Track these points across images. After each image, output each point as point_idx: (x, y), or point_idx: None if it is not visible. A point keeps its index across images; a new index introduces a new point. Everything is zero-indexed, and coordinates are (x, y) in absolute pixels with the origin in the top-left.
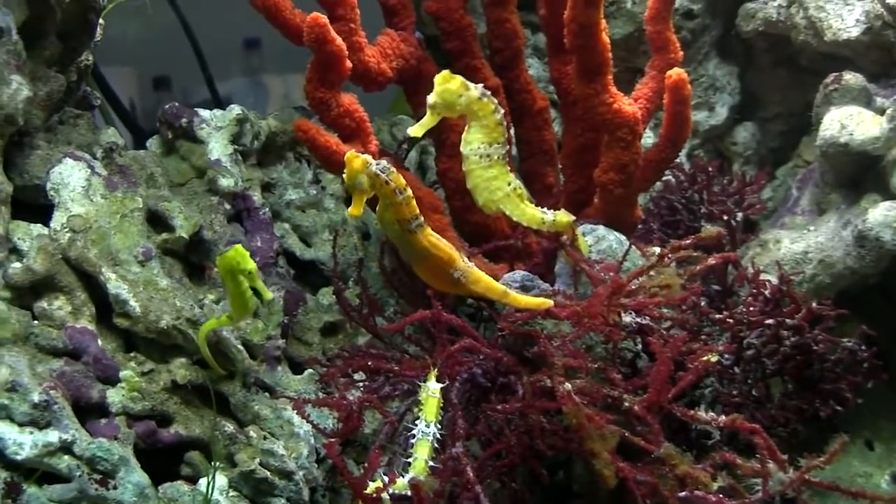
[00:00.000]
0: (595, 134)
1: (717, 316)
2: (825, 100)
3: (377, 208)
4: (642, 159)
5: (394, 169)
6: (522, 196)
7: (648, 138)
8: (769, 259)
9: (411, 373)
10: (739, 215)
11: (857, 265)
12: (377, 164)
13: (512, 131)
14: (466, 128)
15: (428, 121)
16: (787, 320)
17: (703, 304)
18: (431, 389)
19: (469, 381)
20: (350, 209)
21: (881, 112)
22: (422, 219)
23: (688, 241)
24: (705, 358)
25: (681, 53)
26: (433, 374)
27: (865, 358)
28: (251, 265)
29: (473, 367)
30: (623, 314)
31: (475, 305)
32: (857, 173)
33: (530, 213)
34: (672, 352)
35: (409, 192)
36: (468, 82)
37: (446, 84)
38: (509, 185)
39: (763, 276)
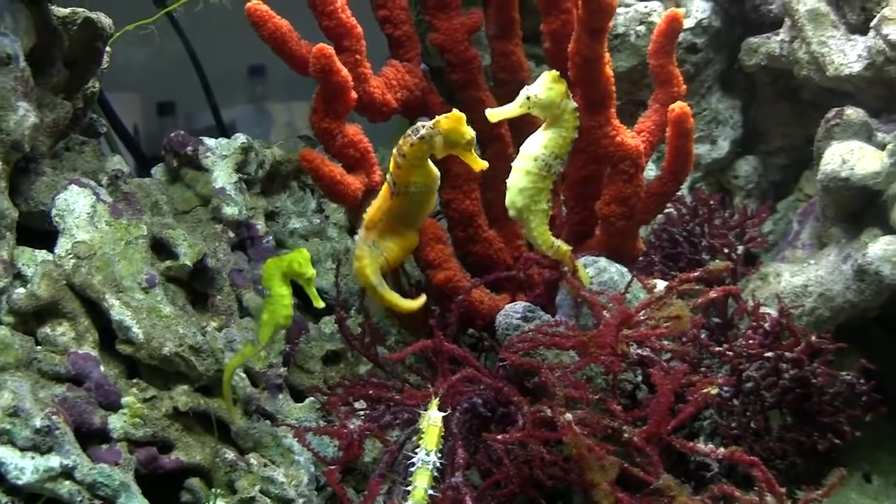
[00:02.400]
0: (598, 166)
1: (717, 348)
2: (827, 134)
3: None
4: (644, 192)
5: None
6: (547, 217)
7: (651, 171)
8: (769, 292)
9: (412, 402)
10: (740, 248)
11: (856, 299)
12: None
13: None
14: (543, 130)
15: (514, 111)
16: (787, 353)
17: (703, 336)
18: (433, 418)
19: (469, 411)
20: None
21: (882, 147)
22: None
23: (695, 274)
24: (705, 390)
25: (684, 87)
26: (435, 402)
27: (864, 391)
28: (312, 271)
29: (474, 396)
30: (627, 346)
31: (477, 336)
32: (858, 208)
33: (547, 236)
34: (673, 384)
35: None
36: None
37: (557, 85)
38: (547, 202)
39: (763, 309)
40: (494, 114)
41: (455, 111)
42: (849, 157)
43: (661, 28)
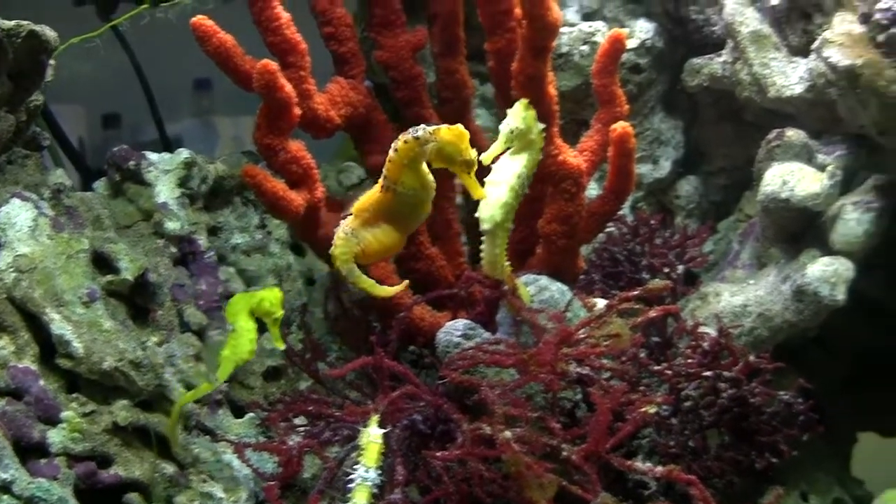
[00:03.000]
0: (540, 185)
1: (657, 367)
2: (767, 155)
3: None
4: (586, 211)
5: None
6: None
7: (593, 190)
8: (709, 312)
9: (352, 418)
10: (680, 268)
11: (795, 319)
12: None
13: (457, 181)
14: (519, 153)
15: (501, 147)
16: (725, 373)
17: (642, 355)
18: (372, 435)
19: (409, 428)
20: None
21: (822, 169)
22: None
23: (635, 293)
24: (644, 409)
25: (626, 107)
26: (374, 419)
27: (802, 411)
28: (281, 311)
29: (414, 413)
30: (567, 364)
31: (418, 353)
32: (798, 229)
33: (504, 255)
34: (612, 402)
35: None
36: None
37: (529, 112)
38: (511, 223)
39: (702, 329)
40: (488, 156)
41: (460, 127)
42: (789, 179)
43: (605, 48)
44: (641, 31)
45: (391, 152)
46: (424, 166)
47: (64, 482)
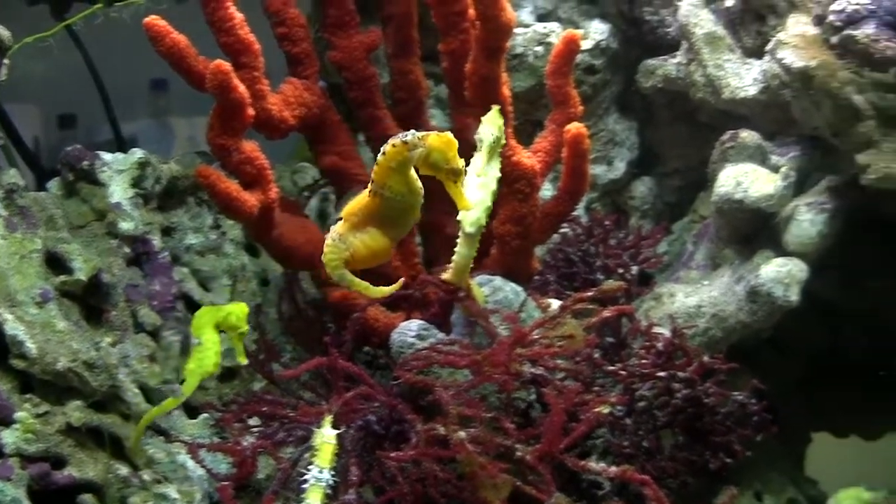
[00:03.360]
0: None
1: (611, 368)
2: (721, 156)
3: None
4: (540, 212)
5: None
6: None
7: (547, 191)
8: (663, 312)
9: (306, 419)
10: (635, 269)
11: (749, 320)
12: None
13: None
14: (490, 162)
15: (486, 156)
16: (679, 373)
17: (597, 355)
18: (326, 436)
19: (364, 429)
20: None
21: (776, 170)
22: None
23: (589, 294)
24: (598, 409)
25: (580, 108)
26: (328, 419)
27: (756, 411)
28: (247, 327)
29: (368, 414)
30: (521, 364)
31: (372, 353)
32: (752, 230)
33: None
34: (565, 403)
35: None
36: None
37: (500, 120)
38: None
39: (656, 329)
40: (481, 170)
41: (449, 134)
42: (743, 180)
43: (559, 49)
44: (596, 32)
45: (380, 156)
46: (413, 172)
47: (18, 483)
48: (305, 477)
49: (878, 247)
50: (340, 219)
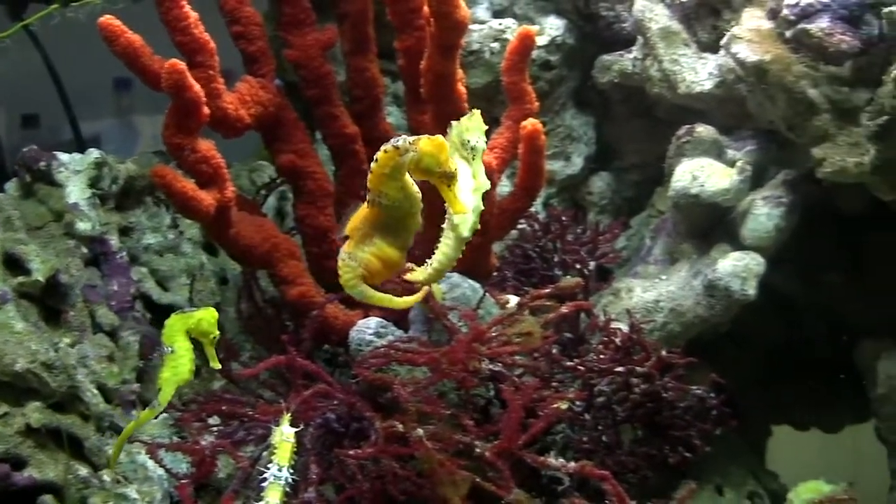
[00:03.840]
0: None
1: (569, 363)
2: (678, 151)
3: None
4: (497, 208)
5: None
6: None
7: (505, 187)
8: (621, 307)
9: (265, 418)
10: (592, 264)
11: (706, 314)
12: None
13: None
14: (475, 166)
15: (480, 163)
16: (638, 368)
17: (555, 351)
18: (285, 434)
19: (323, 426)
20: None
21: (732, 164)
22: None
23: (547, 291)
24: (556, 405)
25: (536, 104)
26: (287, 417)
27: (715, 405)
28: (217, 332)
29: (327, 412)
30: (480, 361)
31: (332, 351)
32: (708, 224)
33: None
34: (523, 399)
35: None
36: None
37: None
38: None
39: (615, 325)
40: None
41: (440, 138)
42: (699, 174)
43: (514, 45)
44: (552, 28)
45: (372, 164)
46: (407, 177)
47: None
48: (265, 475)
49: (834, 240)
50: (347, 237)
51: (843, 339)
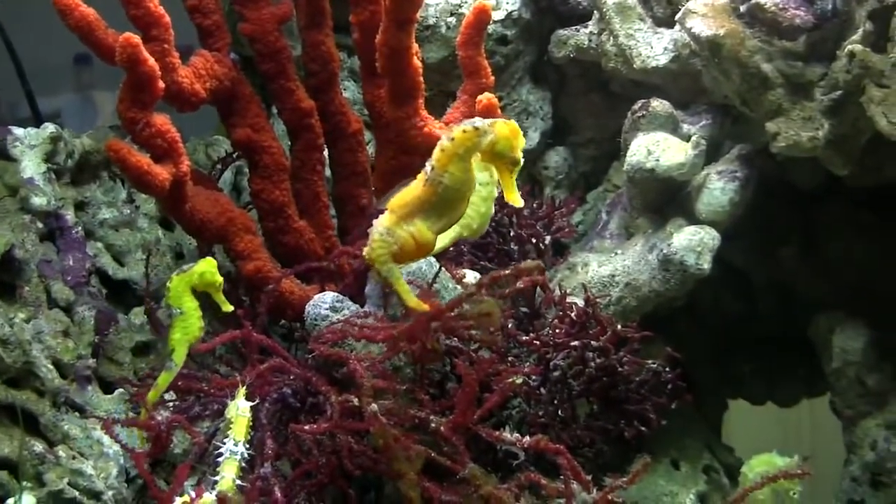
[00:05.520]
0: (408, 157)
1: (524, 338)
2: (633, 126)
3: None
4: None
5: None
6: None
7: None
8: (577, 282)
9: (221, 393)
10: (548, 239)
11: (662, 288)
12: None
13: (326, 153)
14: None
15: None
16: (593, 342)
17: (511, 326)
18: (240, 408)
19: (279, 401)
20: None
21: (687, 139)
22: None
23: (506, 273)
24: (511, 380)
25: (492, 79)
26: (242, 391)
27: (670, 380)
28: (220, 278)
29: (284, 387)
30: (437, 340)
31: (288, 326)
32: (664, 198)
33: None
34: (478, 374)
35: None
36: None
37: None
38: None
39: (570, 299)
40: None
41: (514, 123)
42: (654, 149)
43: (470, 20)
44: (508, 2)
45: (444, 141)
46: (472, 161)
47: None
48: (220, 450)
49: (788, 215)
50: (383, 211)
51: (796, 314)
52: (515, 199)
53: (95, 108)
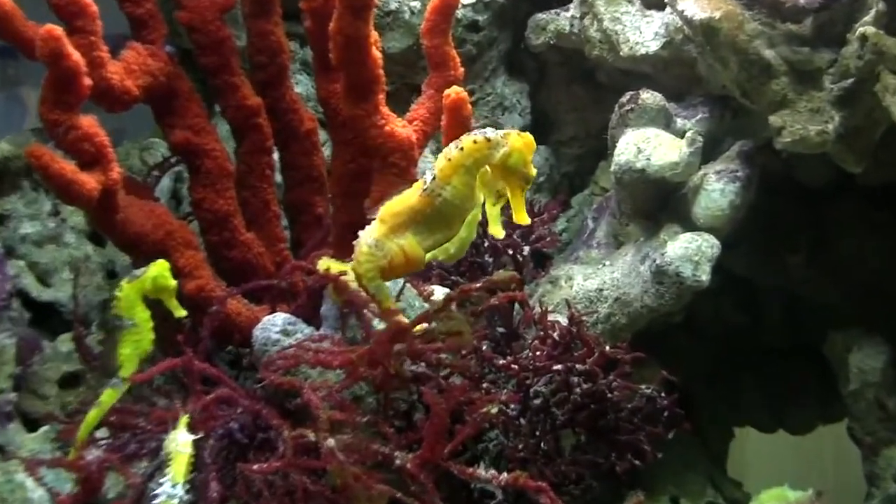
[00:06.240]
0: (367, 160)
1: (501, 361)
2: (621, 121)
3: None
4: None
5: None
6: None
7: (429, 162)
8: (560, 297)
9: (160, 429)
10: (527, 249)
11: (655, 304)
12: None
13: (276, 156)
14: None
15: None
16: (578, 365)
17: (486, 348)
18: (180, 442)
19: (226, 437)
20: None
21: (682, 135)
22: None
23: (478, 286)
24: (485, 409)
25: (461, 70)
26: (183, 421)
27: (666, 406)
28: (174, 281)
29: (230, 421)
30: (401, 363)
31: (235, 352)
32: (656, 202)
33: None
34: (448, 403)
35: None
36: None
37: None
38: None
39: (552, 317)
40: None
41: (530, 136)
42: (645, 147)
43: (435, 4)
44: None
45: (452, 150)
46: (479, 176)
47: None
48: (156, 492)
49: (796, 218)
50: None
51: (806, 324)
52: (524, 218)
53: (24, 106)
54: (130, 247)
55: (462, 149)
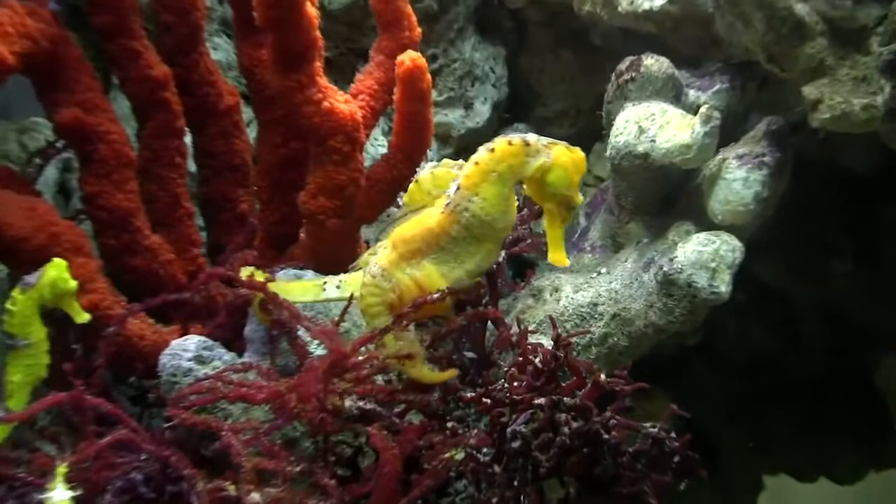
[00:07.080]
0: (301, 143)
1: (470, 394)
2: (618, 94)
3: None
4: (366, 178)
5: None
6: None
7: (380, 147)
8: (544, 314)
9: (44, 480)
10: (503, 254)
11: (663, 321)
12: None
13: (189, 139)
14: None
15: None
16: (566, 399)
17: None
18: (56, 500)
19: (126, 491)
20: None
21: (695, 111)
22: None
23: (436, 296)
24: (448, 454)
25: (418, 31)
26: (61, 474)
27: (676, 448)
28: (74, 281)
29: (132, 470)
30: (343, 397)
31: (138, 384)
32: (663, 194)
33: None
34: (402, 447)
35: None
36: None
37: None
38: None
39: (534, 339)
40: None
41: (581, 153)
42: (648, 125)
43: None
44: None
45: (482, 153)
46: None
47: None
48: None
49: (838, 214)
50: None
51: (852, 349)
52: (561, 258)
53: None
54: (6, 254)
55: (493, 150)
